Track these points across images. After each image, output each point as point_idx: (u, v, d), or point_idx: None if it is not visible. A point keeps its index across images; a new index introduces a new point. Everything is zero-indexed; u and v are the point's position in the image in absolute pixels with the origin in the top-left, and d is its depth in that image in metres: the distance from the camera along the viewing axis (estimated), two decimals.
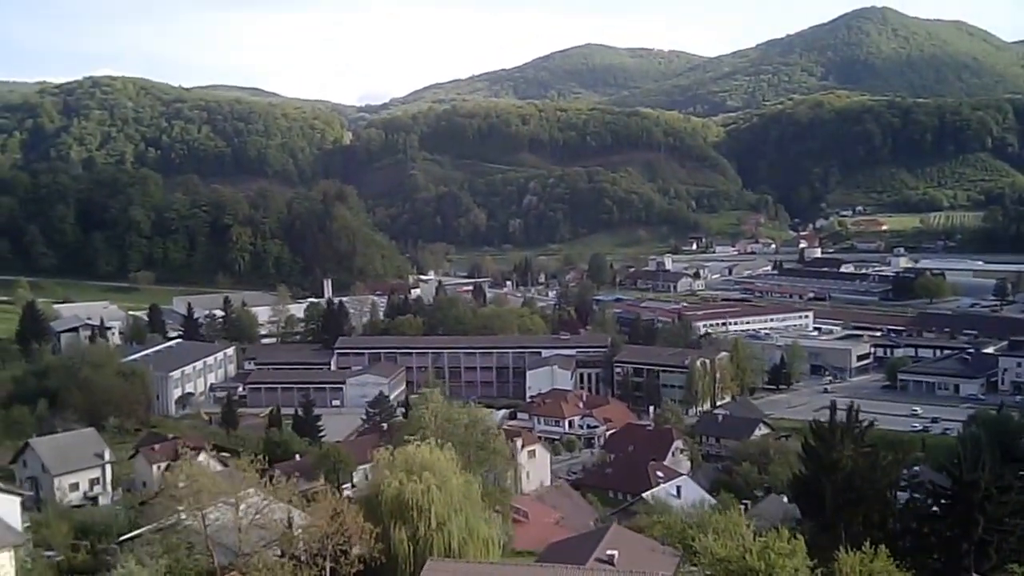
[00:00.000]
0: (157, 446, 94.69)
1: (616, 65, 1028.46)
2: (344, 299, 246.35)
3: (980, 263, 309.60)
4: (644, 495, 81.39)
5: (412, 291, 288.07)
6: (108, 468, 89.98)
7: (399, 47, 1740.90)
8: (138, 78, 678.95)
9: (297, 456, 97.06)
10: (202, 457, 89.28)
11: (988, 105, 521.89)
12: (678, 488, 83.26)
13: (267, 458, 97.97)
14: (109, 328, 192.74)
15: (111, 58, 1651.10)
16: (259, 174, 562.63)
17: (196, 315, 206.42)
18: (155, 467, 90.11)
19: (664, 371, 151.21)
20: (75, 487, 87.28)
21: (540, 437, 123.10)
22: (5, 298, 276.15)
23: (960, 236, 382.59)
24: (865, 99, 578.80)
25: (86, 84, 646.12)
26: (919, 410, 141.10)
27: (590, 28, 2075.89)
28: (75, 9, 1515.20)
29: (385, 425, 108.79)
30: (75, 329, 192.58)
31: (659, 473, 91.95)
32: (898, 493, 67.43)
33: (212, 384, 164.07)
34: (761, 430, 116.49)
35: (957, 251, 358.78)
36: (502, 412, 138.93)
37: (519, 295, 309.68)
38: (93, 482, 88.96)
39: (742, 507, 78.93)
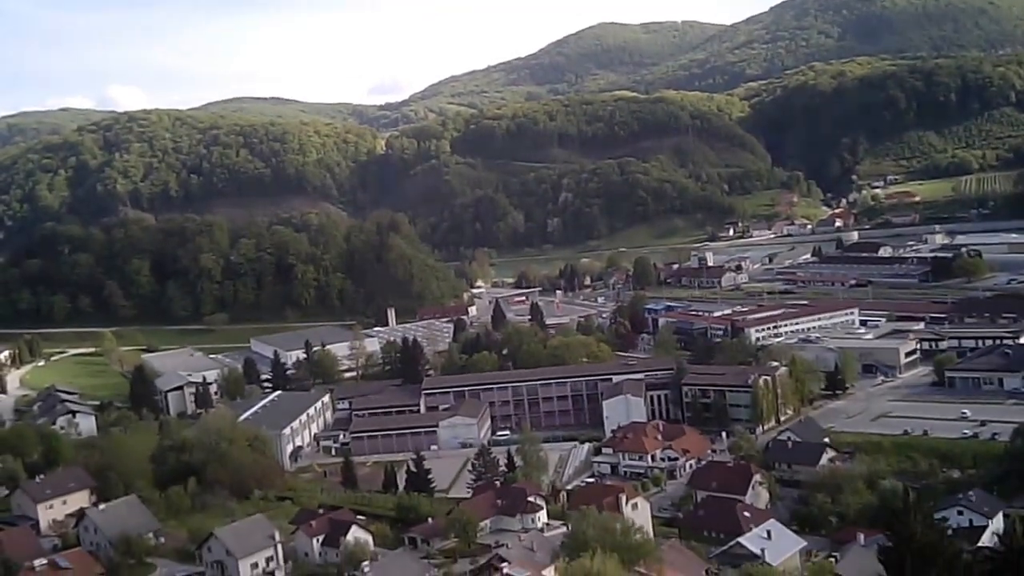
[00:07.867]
0: (313, 523, 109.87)
1: (630, 42, 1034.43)
2: (411, 327, 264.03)
3: (1014, 236, 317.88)
4: (740, 540, 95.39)
5: (469, 309, 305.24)
6: (279, 547, 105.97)
7: (412, 41, 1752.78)
8: (171, 109, 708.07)
9: (429, 519, 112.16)
10: (354, 531, 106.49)
11: (1009, 60, 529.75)
12: (768, 532, 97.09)
13: (402, 523, 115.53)
14: (210, 384, 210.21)
15: (122, 75, 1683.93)
16: (299, 191, 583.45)
17: (282, 359, 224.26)
18: (314, 540, 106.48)
19: (730, 391, 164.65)
20: (255, 566, 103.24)
21: (625, 472, 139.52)
22: (93, 349, 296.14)
23: (993, 203, 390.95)
24: (886, 64, 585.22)
25: (123, 119, 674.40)
26: (968, 412, 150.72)
27: (601, 6, 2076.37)
28: (84, 31, 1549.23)
29: (498, 482, 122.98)
30: (180, 388, 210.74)
31: (746, 513, 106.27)
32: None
33: (315, 434, 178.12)
34: (828, 454, 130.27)
35: (991, 218, 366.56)
36: (586, 446, 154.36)
37: (568, 300, 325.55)
38: (268, 560, 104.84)
39: (832, 560, 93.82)
